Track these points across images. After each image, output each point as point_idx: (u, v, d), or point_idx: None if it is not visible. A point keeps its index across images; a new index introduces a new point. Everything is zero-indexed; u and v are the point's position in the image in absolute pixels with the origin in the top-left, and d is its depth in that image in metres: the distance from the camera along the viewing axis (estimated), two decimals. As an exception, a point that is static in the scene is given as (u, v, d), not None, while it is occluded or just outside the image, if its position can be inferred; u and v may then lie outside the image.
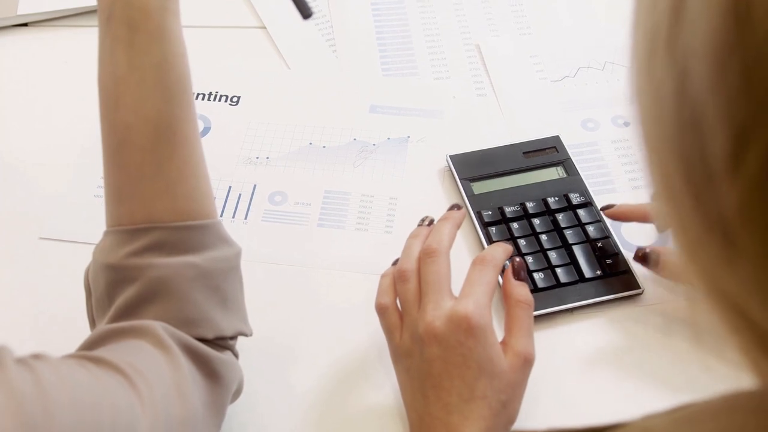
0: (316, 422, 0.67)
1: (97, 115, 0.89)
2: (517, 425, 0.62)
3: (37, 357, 0.46)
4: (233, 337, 0.60)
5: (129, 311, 0.56)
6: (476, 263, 0.64)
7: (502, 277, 0.67)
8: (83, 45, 1.00)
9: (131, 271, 0.56)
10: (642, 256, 0.72)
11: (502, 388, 0.60)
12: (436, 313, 0.61)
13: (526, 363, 0.61)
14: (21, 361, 0.45)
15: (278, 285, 0.76)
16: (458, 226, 0.68)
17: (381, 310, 0.66)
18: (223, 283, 0.58)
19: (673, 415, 0.35)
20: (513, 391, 0.61)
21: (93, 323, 0.61)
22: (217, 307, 0.58)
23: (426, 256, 0.64)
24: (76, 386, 0.46)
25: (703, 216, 0.28)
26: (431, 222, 0.70)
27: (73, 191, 0.83)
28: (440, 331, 0.60)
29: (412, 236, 0.69)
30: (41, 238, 0.80)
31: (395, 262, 0.69)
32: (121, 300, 0.56)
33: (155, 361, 0.52)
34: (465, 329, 0.59)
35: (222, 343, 0.58)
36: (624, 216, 0.77)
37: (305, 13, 0.64)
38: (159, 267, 0.55)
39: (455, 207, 0.71)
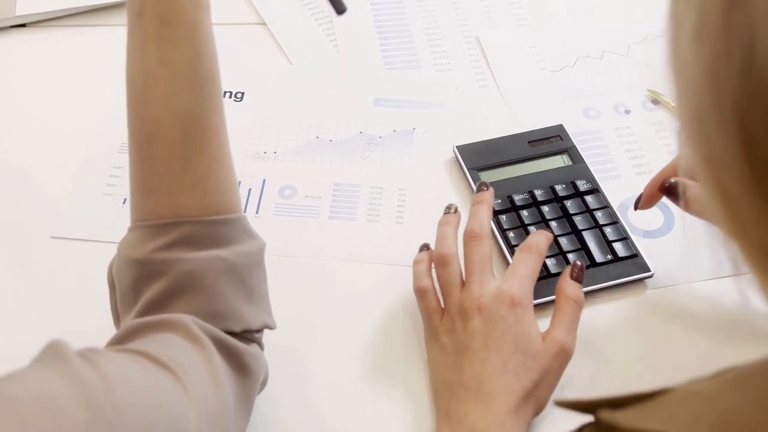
0: (335, 412, 0.68)
1: (101, 113, 0.90)
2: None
3: (93, 351, 0.47)
4: (259, 330, 0.60)
5: (157, 305, 0.56)
6: (522, 250, 0.68)
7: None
8: (83, 44, 1.00)
9: (159, 266, 0.56)
10: (668, 187, 0.70)
11: (534, 368, 0.62)
12: (482, 291, 0.65)
13: (562, 352, 0.63)
14: (82, 356, 0.45)
15: (292, 278, 0.77)
16: (492, 207, 0.72)
17: (421, 293, 0.68)
18: (249, 276, 0.59)
19: (718, 378, 0.36)
20: (545, 375, 0.62)
21: (117, 318, 0.61)
22: (244, 300, 0.58)
23: (470, 239, 0.68)
24: (135, 383, 0.46)
25: (760, 188, 0.29)
26: (456, 209, 0.73)
27: (82, 190, 0.83)
28: (485, 306, 0.64)
29: (444, 224, 0.71)
30: (53, 237, 0.80)
31: (423, 248, 0.72)
32: (148, 294, 0.56)
33: (189, 354, 0.53)
34: (508, 304, 0.64)
35: (249, 336, 0.59)
36: (655, 193, 0.72)
37: (339, 8, 0.64)
38: (188, 261, 0.56)
39: (483, 186, 0.73)
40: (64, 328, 0.73)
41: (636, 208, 0.76)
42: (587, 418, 0.44)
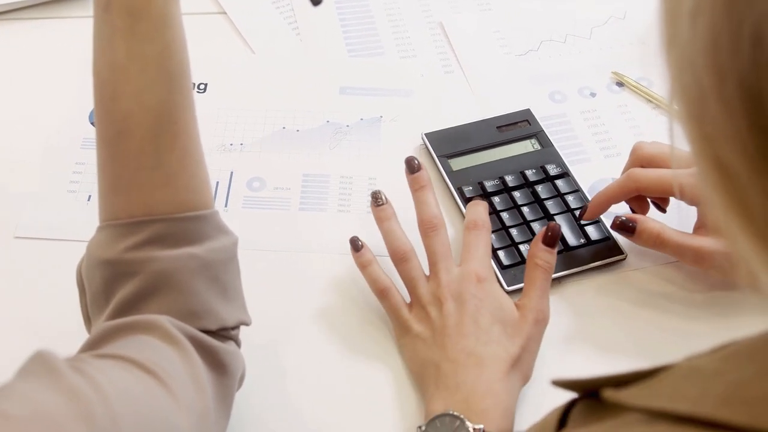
0: (313, 406, 0.67)
1: (61, 108, 0.88)
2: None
3: (80, 360, 0.46)
4: (235, 327, 0.59)
5: (130, 306, 0.55)
6: (470, 228, 0.71)
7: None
8: (40, 38, 0.97)
9: (131, 266, 0.55)
10: (620, 224, 0.71)
11: (515, 335, 0.64)
12: (450, 277, 0.67)
13: (537, 320, 0.66)
14: (73, 367, 0.44)
15: (264, 272, 0.76)
16: (432, 186, 0.73)
17: (383, 293, 0.69)
18: (223, 273, 0.58)
19: (718, 353, 0.36)
20: (526, 343, 0.64)
21: (88, 321, 0.60)
22: (219, 297, 0.57)
23: (429, 230, 0.70)
24: (129, 394, 0.45)
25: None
26: (386, 198, 0.73)
27: (45, 188, 0.81)
28: (455, 289, 0.66)
29: (384, 219, 0.72)
30: (16, 238, 0.78)
31: (357, 246, 0.71)
32: (120, 295, 0.55)
33: (170, 357, 0.52)
34: (475, 282, 0.66)
35: (225, 333, 0.58)
36: (603, 206, 0.75)
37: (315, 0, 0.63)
38: (161, 260, 0.54)
39: (414, 165, 0.73)
40: (31, 331, 0.71)
41: (580, 218, 0.76)
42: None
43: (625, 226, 0.71)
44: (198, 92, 0.91)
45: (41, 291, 0.74)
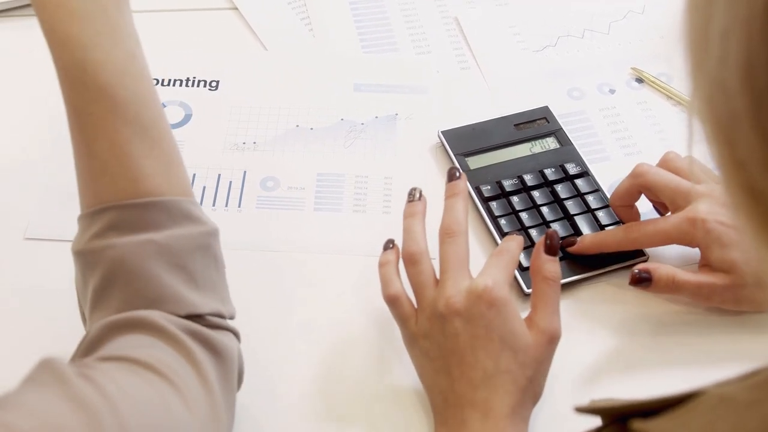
0: (320, 408, 0.66)
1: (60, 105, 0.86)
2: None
3: (87, 367, 0.45)
4: (212, 315, 0.57)
5: (99, 296, 0.55)
6: (493, 255, 0.65)
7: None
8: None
9: (94, 255, 0.55)
10: (637, 279, 0.68)
11: (527, 362, 0.59)
12: (456, 290, 0.61)
13: (552, 340, 0.61)
14: (81, 375, 0.43)
15: (279, 272, 0.75)
16: (468, 198, 0.68)
17: (392, 301, 0.64)
18: (190, 261, 0.56)
19: (750, 380, 0.34)
20: (538, 367, 0.60)
21: (84, 320, 0.59)
22: (185, 284, 0.55)
23: (446, 236, 0.64)
24: (139, 401, 0.44)
25: None
26: (421, 194, 0.68)
27: (55, 187, 0.80)
28: (461, 305, 0.60)
29: (409, 215, 0.67)
30: (27, 239, 0.77)
31: (387, 245, 0.68)
32: (91, 286, 0.55)
33: (174, 355, 0.51)
34: (486, 301, 0.60)
35: (214, 322, 0.56)
36: (593, 251, 0.73)
37: None
38: (117, 246, 0.54)
39: (454, 174, 0.68)
40: (43, 334, 0.70)
41: (567, 246, 0.73)
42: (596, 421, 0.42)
43: (641, 279, 0.67)
44: (210, 90, 0.89)
45: (52, 293, 0.72)
